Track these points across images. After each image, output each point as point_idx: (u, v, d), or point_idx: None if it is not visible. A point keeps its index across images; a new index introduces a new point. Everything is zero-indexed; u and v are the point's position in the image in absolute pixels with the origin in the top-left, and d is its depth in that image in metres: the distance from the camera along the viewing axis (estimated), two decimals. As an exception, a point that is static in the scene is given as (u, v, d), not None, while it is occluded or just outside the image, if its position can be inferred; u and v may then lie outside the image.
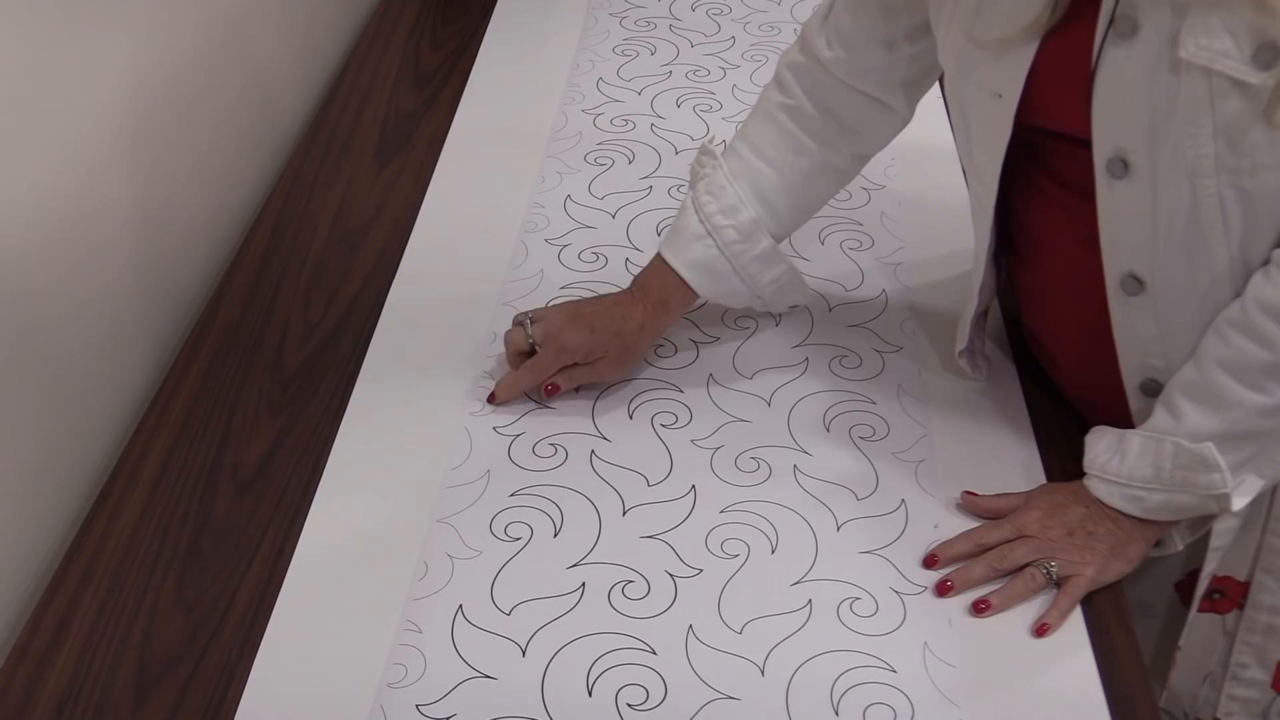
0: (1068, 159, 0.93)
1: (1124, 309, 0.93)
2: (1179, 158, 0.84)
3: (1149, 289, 0.90)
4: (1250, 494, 0.92)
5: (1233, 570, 1.02)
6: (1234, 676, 1.04)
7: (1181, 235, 0.87)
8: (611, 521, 0.99)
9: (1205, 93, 0.81)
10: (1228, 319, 0.88)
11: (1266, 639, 1.02)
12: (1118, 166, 0.87)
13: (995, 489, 1.00)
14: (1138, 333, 0.93)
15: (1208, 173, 0.83)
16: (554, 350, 1.07)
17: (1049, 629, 0.90)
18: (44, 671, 0.89)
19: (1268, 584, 1.01)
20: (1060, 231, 0.98)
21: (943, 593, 0.93)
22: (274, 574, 0.95)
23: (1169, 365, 0.93)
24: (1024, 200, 1.01)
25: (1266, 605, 1.01)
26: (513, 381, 1.08)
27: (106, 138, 1.10)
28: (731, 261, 1.08)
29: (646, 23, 1.69)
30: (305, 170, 1.41)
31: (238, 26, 1.37)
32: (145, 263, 1.18)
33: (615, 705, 0.86)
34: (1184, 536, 0.98)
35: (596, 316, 1.08)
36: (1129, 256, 0.90)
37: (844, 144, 1.11)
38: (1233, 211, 0.84)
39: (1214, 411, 0.89)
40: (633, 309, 1.09)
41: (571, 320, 1.08)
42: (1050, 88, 0.90)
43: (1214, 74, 0.80)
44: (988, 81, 0.93)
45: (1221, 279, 0.88)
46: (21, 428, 0.99)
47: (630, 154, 1.42)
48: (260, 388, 1.12)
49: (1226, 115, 0.81)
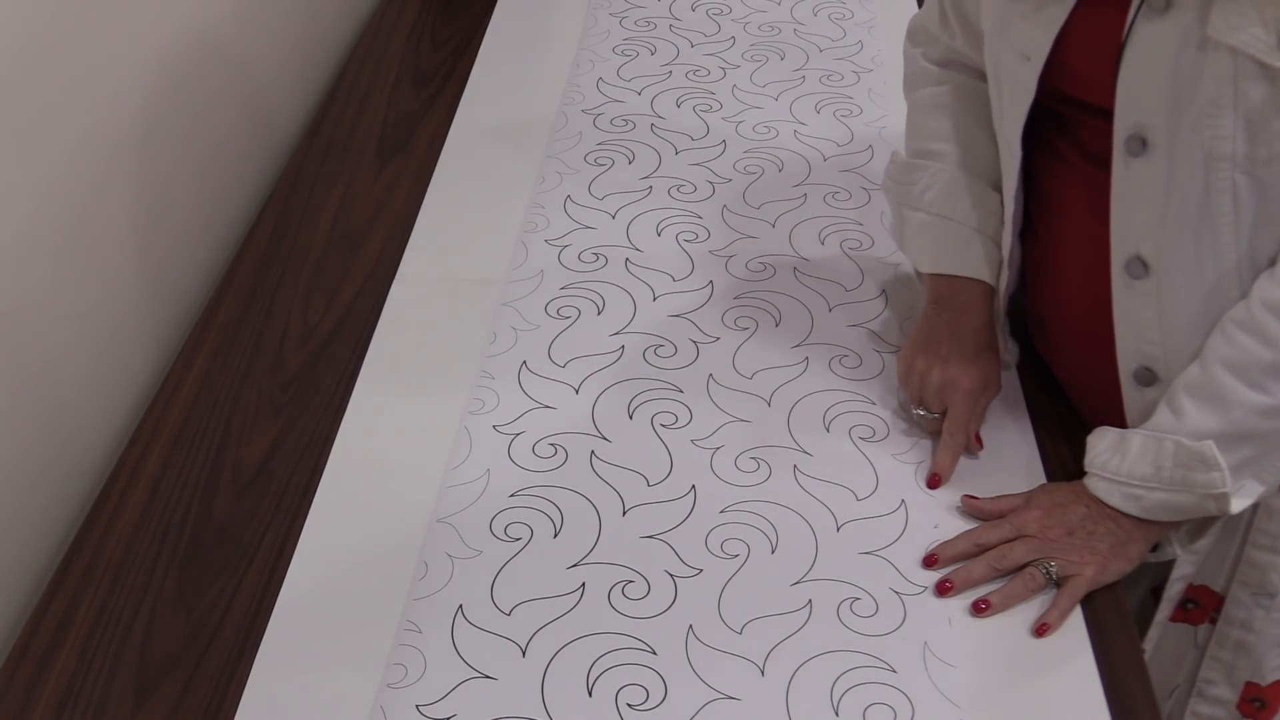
0: (1091, 130, 0.93)
1: (1127, 292, 0.93)
2: (1197, 138, 0.84)
3: (1153, 273, 0.90)
4: (1250, 498, 0.92)
5: (1209, 580, 1.01)
6: (1200, 693, 1.04)
7: (1192, 220, 0.87)
8: (611, 521, 0.99)
9: (1230, 73, 0.81)
10: (1233, 318, 0.89)
11: (1236, 656, 1.02)
12: (1136, 144, 0.87)
13: (995, 489, 1.00)
14: (1137, 318, 0.93)
15: (1224, 156, 0.83)
16: (960, 397, 1.03)
17: (1049, 629, 0.90)
18: (44, 671, 0.89)
19: (1242, 598, 1.00)
20: (1077, 202, 0.98)
21: (942, 592, 0.93)
22: (274, 574, 0.95)
23: (1165, 355, 0.93)
24: (1046, 170, 1.01)
25: (1239, 620, 1.01)
26: (945, 451, 1.02)
27: (107, 139, 1.10)
28: (1000, 246, 1.05)
29: (646, 23, 1.69)
30: (305, 170, 1.41)
31: (238, 27, 1.37)
32: (145, 263, 1.18)
33: (615, 705, 0.86)
34: (1183, 542, 0.97)
35: (950, 343, 1.04)
36: (1137, 237, 0.90)
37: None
38: (1245, 202, 0.85)
39: (1216, 410, 0.89)
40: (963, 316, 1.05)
41: (942, 364, 1.03)
42: (1080, 56, 0.90)
43: (1240, 55, 0.80)
44: (1019, 43, 0.94)
45: (1227, 276, 0.88)
46: (22, 428, 0.99)
47: (630, 154, 1.42)
48: (260, 388, 1.12)
49: (1249, 99, 0.81)
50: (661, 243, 1.28)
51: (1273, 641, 1.01)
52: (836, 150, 1.42)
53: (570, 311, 1.20)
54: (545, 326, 1.18)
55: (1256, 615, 1.00)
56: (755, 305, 1.19)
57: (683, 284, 1.23)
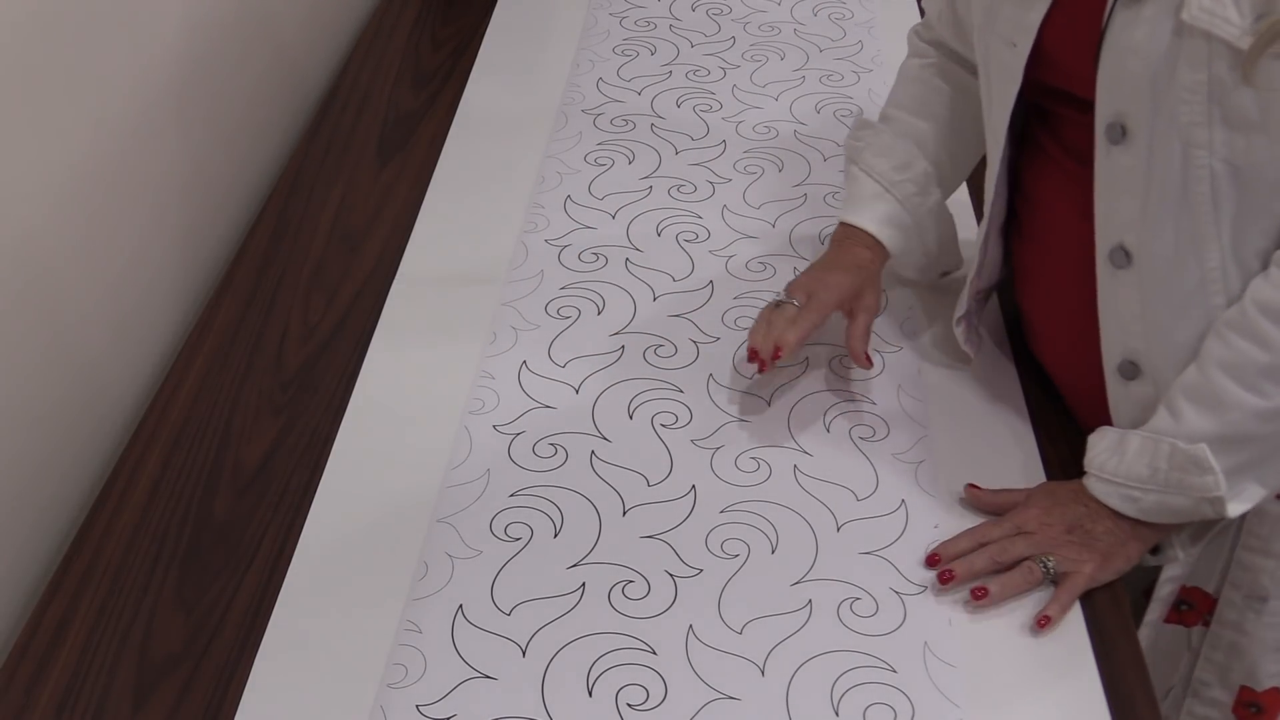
0: (1074, 125, 0.94)
1: (1111, 282, 0.93)
2: (1174, 125, 0.84)
3: (1136, 263, 0.90)
4: (1251, 501, 0.91)
5: (1201, 582, 1.01)
6: (1195, 694, 1.04)
7: (1172, 207, 0.87)
8: (611, 521, 0.99)
9: (1204, 57, 0.81)
10: (1227, 321, 0.88)
11: (1229, 658, 1.02)
12: (1116, 132, 0.88)
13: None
14: (1121, 309, 0.93)
15: (1201, 144, 0.84)
16: (822, 288, 1.07)
17: (1050, 621, 0.90)
18: (44, 671, 0.89)
19: (1234, 600, 1.00)
20: (1060, 199, 0.99)
21: (945, 581, 0.93)
22: (274, 574, 0.95)
23: (1148, 348, 0.93)
24: (1031, 167, 1.02)
25: (1231, 622, 1.01)
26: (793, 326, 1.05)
27: (107, 140, 1.10)
28: (911, 214, 1.11)
29: (646, 23, 1.69)
30: (305, 170, 1.41)
31: (238, 28, 1.37)
32: (145, 263, 1.18)
33: (615, 705, 0.86)
34: (1185, 546, 0.97)
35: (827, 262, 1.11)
36: (1120, 227, 0.90)
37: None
38: (1224, 192, 0.85)
39: (1212, 414, 0.89)
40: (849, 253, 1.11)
41: (815, 269, 1.10)
42: (1062, 45, 0.91)
43: (1214, 39, 0.81)
44: (1005, 31, 0.95)
45: (1210, 270, 0.88)
46: (22, 428, 0.99)
47: (630, 154, 1.42)
48: (260, 388, 1.12)
49: (1224, 84, 0.81)
50: (661, 243, 1.28)
51: (1267, 646, 1.00)
52: (836, 150, 1.42)
53: (570, 311, 1.20)
54: (545, 326, 1.18)
55: (1248, 618, 1.00)
56: (755, 305, 1.19)
57: (683, 284, 1.23)
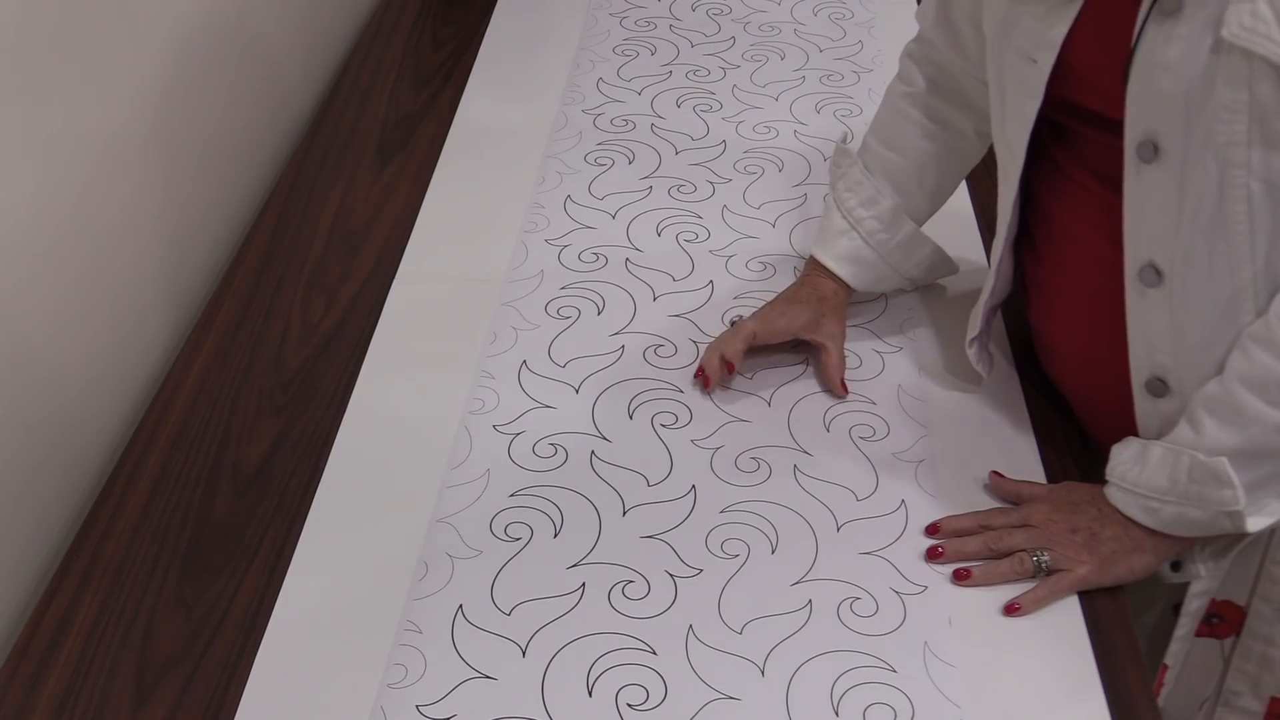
0: (1097, 146, 0.92)
1: (1140, 301, 0.91)
2: (1210, 142, 0.82)
3: (1167, 280, 0.88)
4: (1273, 517, 0.90)
5: (1232, 595, 1.01)
6: (1226, 703, 1.03)
7: (1206, 227, 0.85)
8: (611, 521, 0.99)
9: (1244, 76, 0.79)
10: (1251, 335, 0.87)
11: (1261, 669, 1.01)
12: (1148, 150, 0.86)
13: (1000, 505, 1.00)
14: (1150, 327, 0.91)
15: (1239, 162, 0.82)
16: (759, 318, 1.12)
17: (1019, 610, 0.91)
18: (44, 671, 0.89)
19: (1264, 613, 0.99)
20: (1081, 221, 0.97)
21: (933, 557, 0.94)
22: (274, 574, 0.95)
23: (1177, 365, 0.91)
24: (1049, 186, 1.00)
25: (1262, 634, 1.00)
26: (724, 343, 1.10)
27: (108, 140, 1.10)
28: (877, 250, 1.14)
29: (646, 23, 1.69)
30: (305, 170, 1.41)
31: (238, 28, 1.37)
32: (145, 263, 1.18)
33: (615, 705, 0.86)
34: (1206, 561, 0.96)
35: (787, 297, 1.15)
36: (1150, 245, 0.89)
37: (966, 122, 1.13)
38: (1261, 211, 0.83)
39: (1233, 427, 0.87)
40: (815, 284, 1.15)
41: (775, 303, 1.14)
42: (1088, 62, 0.89)
43: (1254, 57, 0.78)
44: (1025, 46, 0.93)
45: (1243, 288, 0.86)
46: (22, 428, 0.99)
47: (630, 154, 1.42)
48: (260, 388, 1.12)
49: (1264, 103, 0.79)
50: (661, 243, 1.28)
51: None
52: (836, 150, 1.42)
53: (570, 311, 1.20)
54: (545, 326, 1.18)
55: (1278, 631, 0.99)
56: (755, 305, 1.19)
57: (683, 284, 1.23)
